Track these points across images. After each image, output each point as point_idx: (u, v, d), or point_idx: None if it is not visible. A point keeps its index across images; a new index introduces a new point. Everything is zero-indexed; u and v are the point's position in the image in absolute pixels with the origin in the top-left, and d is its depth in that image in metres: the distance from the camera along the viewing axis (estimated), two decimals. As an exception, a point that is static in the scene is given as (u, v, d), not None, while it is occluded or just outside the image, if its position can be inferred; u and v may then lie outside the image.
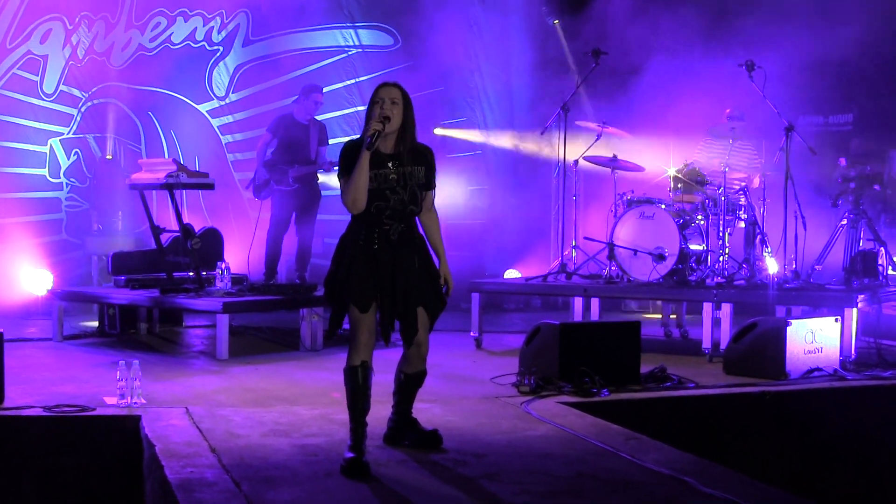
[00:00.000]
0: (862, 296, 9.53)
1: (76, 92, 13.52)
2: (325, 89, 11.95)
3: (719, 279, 10.21)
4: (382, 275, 5.79)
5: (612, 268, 10.69)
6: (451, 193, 14.42)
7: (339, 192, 5.89)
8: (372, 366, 5.81)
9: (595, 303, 11.05)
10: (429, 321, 5.97)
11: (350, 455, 5.62)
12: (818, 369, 8.61)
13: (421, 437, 6.17)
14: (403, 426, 6.22)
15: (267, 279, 11.23)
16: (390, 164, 5.83)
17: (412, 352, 6.02)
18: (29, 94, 13.28)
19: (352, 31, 14.68)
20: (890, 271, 10.77)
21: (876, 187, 11.13)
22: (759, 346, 8.63)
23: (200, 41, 14.14)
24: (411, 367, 6.07)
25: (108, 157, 13.60)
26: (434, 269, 6.01)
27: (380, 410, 5.99)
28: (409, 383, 6.14)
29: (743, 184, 10.86)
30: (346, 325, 5.90)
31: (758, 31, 12.86)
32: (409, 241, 5.90)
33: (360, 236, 5.81)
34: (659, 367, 8.33)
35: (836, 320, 8.91)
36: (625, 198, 10.91)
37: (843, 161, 11.19)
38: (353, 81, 14.50)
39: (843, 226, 11.09)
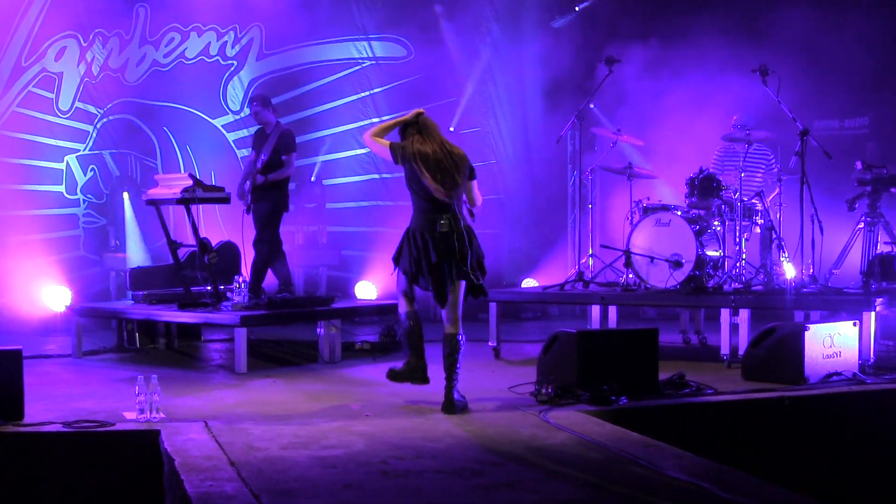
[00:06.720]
0: (880, 299, 9.49)
1: (92, 109, 13.57)
2: (338, 102, 11.80)
3: (737, 285, 10.19)
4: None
5: (630, 275, 10.68)
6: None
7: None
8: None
9: (613, 310, 11.04)
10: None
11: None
12: (837, 373, 8.57)
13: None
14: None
15: (279, 291, 11.01)
16: None
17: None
18: (45, 112, 13.34)
19: (365, 43, 14.71)
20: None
21: (893, 190, 11.04)
22: (778, 352, 8.60)
23: (214, 56, 14.19)
24: (446, 328, 7.59)
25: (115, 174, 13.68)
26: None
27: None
28: (444, 344, 7.53)
29: (760, 188, 10.85)
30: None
31: (771, 35, 12.84)
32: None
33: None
34: (677, 374, 8.31)
35: (855, 324, 8.88)
36: (640, 205, 10.91)
37: (859, 164, 11.13)
38: (367, 93, 14.54)
39: (860, 229, 11.04)
